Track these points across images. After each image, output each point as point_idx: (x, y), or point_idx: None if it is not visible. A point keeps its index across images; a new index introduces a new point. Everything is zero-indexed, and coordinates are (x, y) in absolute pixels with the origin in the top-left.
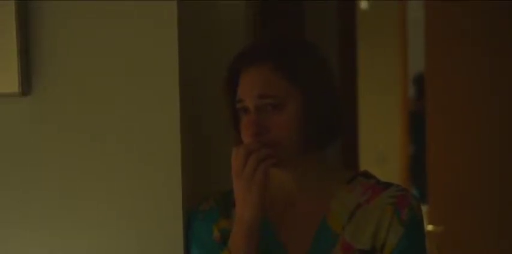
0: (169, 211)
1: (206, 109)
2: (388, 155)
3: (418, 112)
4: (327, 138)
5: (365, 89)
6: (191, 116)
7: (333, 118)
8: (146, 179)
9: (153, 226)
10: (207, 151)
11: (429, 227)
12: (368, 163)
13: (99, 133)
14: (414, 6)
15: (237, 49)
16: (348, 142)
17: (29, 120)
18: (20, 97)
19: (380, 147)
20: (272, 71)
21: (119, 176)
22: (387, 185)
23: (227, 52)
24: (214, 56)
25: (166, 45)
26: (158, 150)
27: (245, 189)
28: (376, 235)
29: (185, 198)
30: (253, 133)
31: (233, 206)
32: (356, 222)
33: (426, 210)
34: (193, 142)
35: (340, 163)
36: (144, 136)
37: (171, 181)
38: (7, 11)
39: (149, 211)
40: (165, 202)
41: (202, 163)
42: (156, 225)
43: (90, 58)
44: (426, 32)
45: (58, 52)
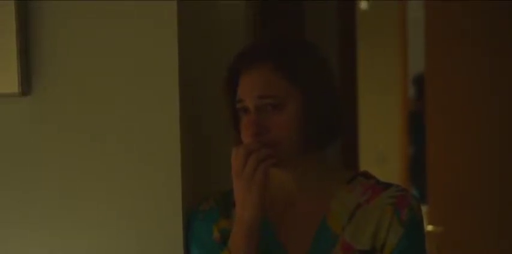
0: (169, 211)
1: (206, 109)
2: (388, 155)
3: (418, 112)
4: (327, 138)
5: (365, 89)
6: (191, 116)
7: (333, 118)
8: (146, 179)
9: (153, 226)
10: (207, 151)
11: (429, 227)
12: (368, 163)
13: (99, 133)
14: (414, 6)
15: (237, 49)
16: (348, 142)
17: (29, 120)
18: (20, 97)
19: (380, 147)
20: (272, 71)
21: (119, 176)
22: (387, 185)
23: (227, 52)
24: (214, 56)
25: (166, 45)
26: (158, 150)
27: (245, 189)
28: (376, 235)
29: (185, 198)
30: (253, 133)
31: (233, 206)
32: (356, 222)
33: (426, 210)
34: (193, 142)
35: (340, 163)
36: (144, 136)
37: (171, 181)
38: (7, 11)
39: (149, 211)
40: (165, 202)
41: (202, 163)
42: (156, 225)
43: (90, 58)
44: (426, 32)
45: (58, 52)
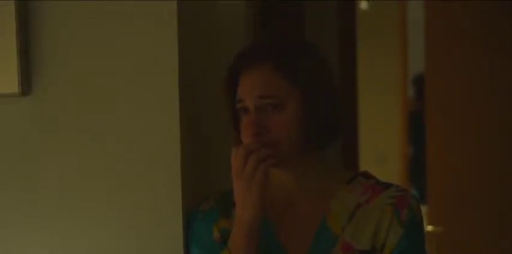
0: (169, 211)
1: (206, 109)
2: (388, 155)
3: (418, 112)
4: (327, 138)
5: (365, 89)
6: (191, 116)
7: (333, 118)
8: (146, 179)
9: (153, 226)
10: (207, 151)
11: (429, 227)
12: (368, 163)
13: (99, 133)
14: (414, 6)
15: (237, 49)
16: (348, 142)
17: (29, 120)
18: (20, 97)
19: (380, 147)
20: (272, 71)
21: (119, 176)
22: (387, 185)
23: (227, 52)
24: (214, 56)
25: (166, 45)
26: (158, 150)
27: (245, 189)
28: (376, 236)
29: (185, 198)
30: (253, 133)
31: (233, 206)
32: (356, 222)
33: (426, 210)
34: (193, 142)
35: (340, 163)
36: (144, 136)
37: (171, 181)
38: (7, 11)
39: (149, 211)
40: (165, 202)
41: (202, 163)
42: (156, 225)
43: (90, 58)
44: (426, 32)
45: (58, 52)
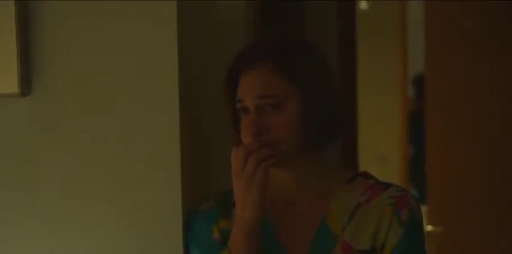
0: (169, 211)
1: (206, 109)
2: (388, 155)
3: (418, 112)
4: (327, 138)
5: (365, 89)
6: (191, 116)
7: (333, 118)
8: (146, 179)
9: (153, 226)
10: (207, 151)
11: (429, 227)
12: (368, 163)
13: (99, 133)
14: (414, 6)
15: (237, 49)
16: (348, 142)
17: (29, 120)
18: (20, 97)
19: (380, 147)
20: (272, 71)
21: (119, 176)
22: (387, 185)
23: (227, 52)
24: (214, 56)
25: (166, 45)
26: (158, 150)
27: (245, 189)
28: (376, 236)
29: (185, 198)
30: (253, 133)
31: (233, 206)
32: (356, 222)
33: (426, 210)
34: (193, 142)
35: (340, 163)
36: (144, 136)
37: (171, 181)
38: (7, 11)
39: (149, 211)
40: (165, 202)
41: (202, 163)
42: (156, 225)
43: (90, 58)
44: (426, 32)
45: (58, 52)
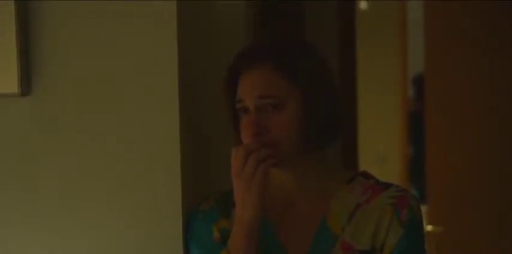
0: (169, 211)
1: (206, 109)
2: (388, 155)
3: (418, 112)
4: (327, 138)
5: (365, 89)
6: (191, 116)
7: (333, 118)
8: (146, 179)
9: (153, 226)
10: (207, 151)
11: (429, 227)
12: (368, 163)
13: (99, 133)
14: (414, 6)
15: (237, 49)
16: (348, 142)
17: (29, 120)
18: (20, 97)
19: (380, 147)
20: (272, 71)
21: (119, 176)
22: (387, 185)
23: (227, 52)
24: (214, 56)
25: (165, 45)
26: (158, 150)
27: (245, 189)
28: (375, 236)
29: (185, 198)
30: (253, 133)
31: (233, 206)
32: (356, 222)
33: (426, 210)
34: (193, 142)
35: (340, 163)
36: (144, 136)
37: (171, 181)
38: (7, 11)
39: (149, 211)
40: (165, 202)
41: (202, 163)
42: (156, 225)
43: (90, 58)
44: (426, 32)
45: (58, 52)
